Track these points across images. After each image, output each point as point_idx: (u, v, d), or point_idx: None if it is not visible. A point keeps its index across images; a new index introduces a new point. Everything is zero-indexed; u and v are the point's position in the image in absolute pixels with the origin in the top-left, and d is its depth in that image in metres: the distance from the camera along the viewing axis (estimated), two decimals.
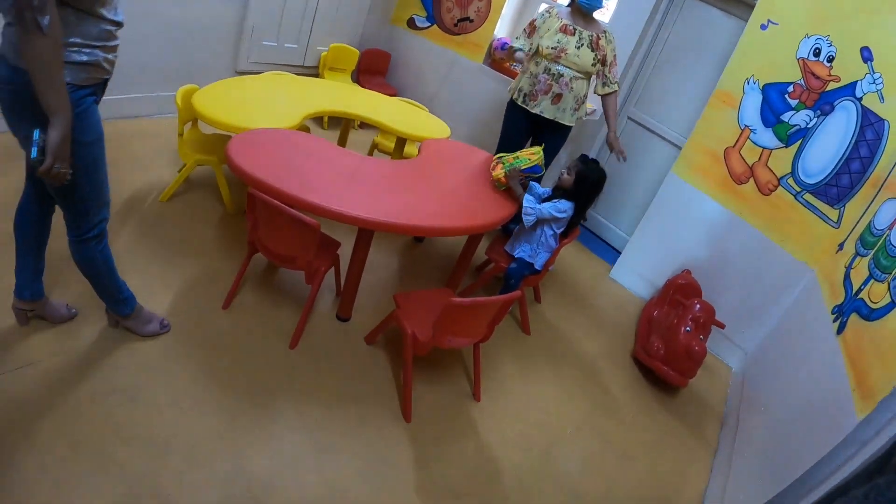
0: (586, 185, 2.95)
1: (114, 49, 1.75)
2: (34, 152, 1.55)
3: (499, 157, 3.07)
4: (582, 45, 3.31)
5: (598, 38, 3.35)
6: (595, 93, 3.57)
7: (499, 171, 2.99)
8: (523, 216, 2.91)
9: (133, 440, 1.92)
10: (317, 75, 5.12)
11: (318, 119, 4.97)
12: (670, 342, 3.10)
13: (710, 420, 3.11)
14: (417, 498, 2.09)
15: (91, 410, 1.96)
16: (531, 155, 2.95)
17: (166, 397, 2.11)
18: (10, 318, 2.15)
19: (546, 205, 2.96)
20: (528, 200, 2.92)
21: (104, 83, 1.81)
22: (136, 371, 2.16)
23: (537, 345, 3.18)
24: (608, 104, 3.57)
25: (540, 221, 2.96)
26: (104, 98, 1.85)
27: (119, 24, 1.72)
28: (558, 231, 3.04)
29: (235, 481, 1.92)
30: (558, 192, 3.04)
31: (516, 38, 3.51)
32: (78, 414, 1.93)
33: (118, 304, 2.23)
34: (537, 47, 3.38)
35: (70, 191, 1.79)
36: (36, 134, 1.55)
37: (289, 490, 1.95)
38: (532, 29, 3.43)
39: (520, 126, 3.30)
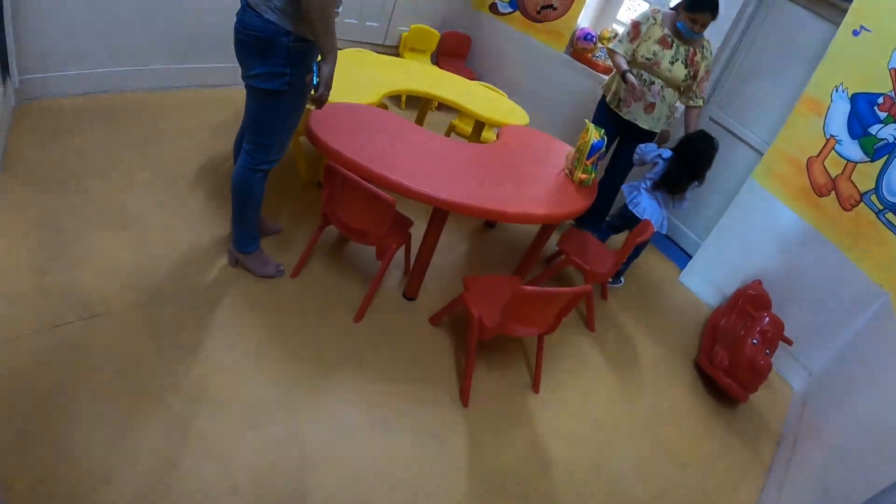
0: (686, 144, 3.19)
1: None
2: (314, 80, 2.04)
3: (573, 160, 3.05)
4: (676, 60, 3.27)
5: (695, 53, 3.29)
6: (680, 102, 3.53)
7: (578, 174, 2.98)
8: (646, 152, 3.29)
9: (192, 396, 1.98)
10: (397, 55, 5.14)
11: (395, 98, 4.98)
12: (735, 353, 3.00)
13: (767, 439, 3.01)
14: (466, 481, 2.10)
15: (155, 363, 2.04)
16: (591, 138, 2.91)
17: (228, 358, 2.17)
18: (87, 271, 2.25)
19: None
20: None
21: None
22: (202, 330, 2.24)
23: (601, 343, 3.14)
24: (689, 117, 3.49)
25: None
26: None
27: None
28: (654, 177, 3.26)
29: (288, 447, 1.96)
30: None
31: (619, 40, 3.40)
32: (142, 365, 2.01)
33: (248, 238, 2.46)
34: (633, 52, 3.35)
35: (268, 126, 2.18)
36: (315, 68, 2.03)
37: (340, 461, 1.98)
38: (636, 34, 3.34)
39: (609, 128, 3.27)
